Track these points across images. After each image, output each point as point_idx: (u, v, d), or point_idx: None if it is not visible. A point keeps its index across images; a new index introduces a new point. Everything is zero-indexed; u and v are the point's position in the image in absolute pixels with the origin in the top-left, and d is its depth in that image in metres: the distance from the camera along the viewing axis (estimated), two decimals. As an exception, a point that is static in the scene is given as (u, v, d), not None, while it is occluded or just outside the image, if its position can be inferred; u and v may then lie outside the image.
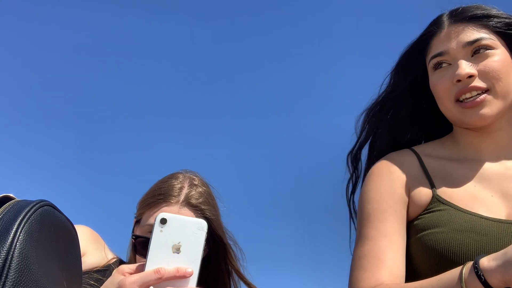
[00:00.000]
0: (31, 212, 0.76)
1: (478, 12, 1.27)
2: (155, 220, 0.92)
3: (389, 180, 1.23)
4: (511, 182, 1.20)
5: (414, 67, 1.37)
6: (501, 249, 0.98)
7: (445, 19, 1.31)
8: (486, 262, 0.90)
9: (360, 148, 1.41)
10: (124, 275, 0.93)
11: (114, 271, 0.99)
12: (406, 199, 1.21)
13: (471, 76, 1.19)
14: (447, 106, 1.25)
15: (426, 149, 1.31)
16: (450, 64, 1.25)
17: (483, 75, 1.20)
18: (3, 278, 0.68)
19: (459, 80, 1.20)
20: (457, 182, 1.20)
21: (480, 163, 1.25)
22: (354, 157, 1.42)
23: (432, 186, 1.20)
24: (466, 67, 1.20)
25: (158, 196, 1.45)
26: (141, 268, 0.92)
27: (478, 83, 1.20)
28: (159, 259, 0.90)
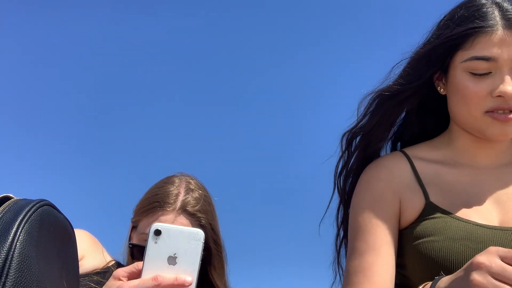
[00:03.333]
0: (31, 211, 0.76)
1: None
2: (148, 231, 0.90)
3: (379, 188, 1.21)
4: (504, 188, 1.19)
5: (441, 59, 1.22)
6: None
7: (498, 18, 1.16)
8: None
9: (357, 133, 1.32)
10: (121, 280, 0.92)
11: (111, 277, 0.99)
12: (398, 208, 1.19)
13: None
14: (474, 114, 1.16)
15: (418, 152, 1.27)
16: (490, 72, 1.14)
17: None
18: (3, 278, 0.68)
19: (500, 96, 1.12)
20: (450, 188, 1.19)
21: (474, 168, 1.23)
22: (349, 138, 1.33)
23: (424, 193, 1.18)
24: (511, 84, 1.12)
25: (154, 203, 1.44)
26: (136, 272, 0.92)
27: None
28: (154, 271, 0.89)
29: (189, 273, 0.89)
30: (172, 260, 0.89)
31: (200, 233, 0.91)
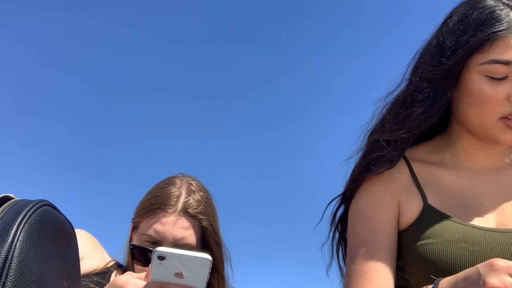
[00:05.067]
0: (31, 212, 0.76)
1: None
2: (152, 255, 0.89)
3: (378, 191, 1.21)
4: (502, 190, 1.19)
5: (459, 67, 1.17)
6: (493, 258, 0.98)
7: None
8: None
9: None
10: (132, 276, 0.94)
11: (125, 274, 0.99)
12: (396, 210, 1.19)
13: None
14: (487, 119, 1.14)
15: (417, 154, 1.27)
16: (507, 76, 1.12)
17: None
18: (3, 278, 0.68)
19: None
20: (447, 190, 1.19)
21: (472, 171, 1.22)
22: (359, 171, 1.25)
23: (422, 195, 1.18)
24: None
25: (155, 204, 1.44)
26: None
27: None
28: (161, 283, 0.89)
29: (197, 285, 0.89)
30: (179, 275, 0.88)
31: (205, 260, 0.89)
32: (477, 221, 1.12)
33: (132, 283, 0.92)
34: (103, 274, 1.45)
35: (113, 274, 1.49)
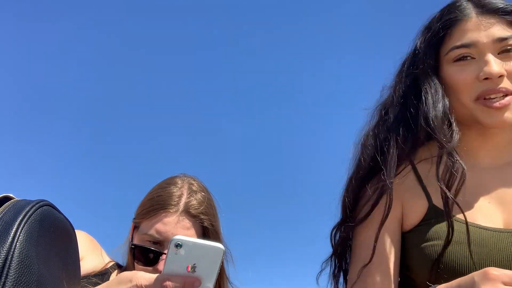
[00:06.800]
0: (31, 212, 0.76)
1: (508, 7, 1.17)
2: (169, 243, 0.93)
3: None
4: (507, 188, 1.17)
5: (429, 58, 1.21)
6: (500, 259, 0.99)
7: (469, 6, 1.18)
8: None
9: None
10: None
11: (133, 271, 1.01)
12: (400, 212, 1.18)
13: (500, 76, 1.11)
14: (465, 102, 1.15)
15: (421, 154, 1.24)
16: (474, 58, 1.14)
17: (510, 76, 1.12)
18: (3, 278, 0.68)
19: (487, 78, 1.11)
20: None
21: (477, 169, 1.19)
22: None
23: (427, 196, 1.16)
24: (496, 65, 1.11)
25: (157, 204, 1.44)
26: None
27: (507, 84, 1.12)
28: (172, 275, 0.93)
29: (206, 280, 0.93)
30: (191, 268, 0.93)
31: (219, 249, 0.93)
32: (483, 221, 1.10)
33: (139, 276, 0.94)
34: (102, 275, 1.45)
35: (113, 274, 1.49)
